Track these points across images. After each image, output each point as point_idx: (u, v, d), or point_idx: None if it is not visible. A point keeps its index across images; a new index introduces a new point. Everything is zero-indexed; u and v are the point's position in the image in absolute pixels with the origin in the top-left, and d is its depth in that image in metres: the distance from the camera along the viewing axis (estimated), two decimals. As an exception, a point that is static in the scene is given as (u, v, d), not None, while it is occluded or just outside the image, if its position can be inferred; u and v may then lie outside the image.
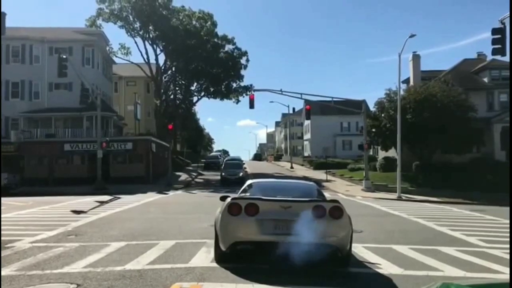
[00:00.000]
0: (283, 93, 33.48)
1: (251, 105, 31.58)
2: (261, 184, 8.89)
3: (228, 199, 7.29)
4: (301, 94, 33.94)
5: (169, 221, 13.64)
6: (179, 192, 29.72)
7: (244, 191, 8.38)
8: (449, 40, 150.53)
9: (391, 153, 38.40)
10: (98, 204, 19.66)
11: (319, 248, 6.67)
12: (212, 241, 8.26)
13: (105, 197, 23.19)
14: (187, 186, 35.45)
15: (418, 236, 11.49)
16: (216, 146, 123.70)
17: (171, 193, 28.35)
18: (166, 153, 38.74)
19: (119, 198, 23.32)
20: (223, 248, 7.15)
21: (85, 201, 20.74)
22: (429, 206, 22.45)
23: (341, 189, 32.33)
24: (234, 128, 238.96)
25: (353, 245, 8.33)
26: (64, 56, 22.96)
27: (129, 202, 20.84)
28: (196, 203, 21.04)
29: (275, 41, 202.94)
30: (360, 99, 35.01)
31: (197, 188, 33.66)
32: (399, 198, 27.19)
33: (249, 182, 8.97)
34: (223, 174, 36.92)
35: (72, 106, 37.35)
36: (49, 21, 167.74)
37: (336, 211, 6.96)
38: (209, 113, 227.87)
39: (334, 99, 35.38)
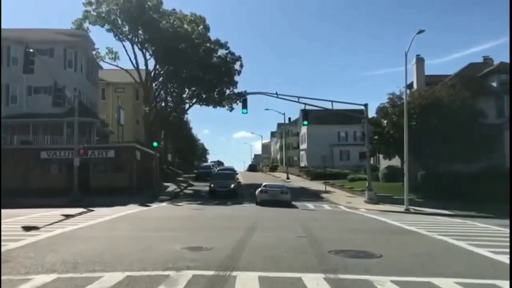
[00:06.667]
0: (279, 96, 31.12)
1: (244, 105, 29.31)
2: (269, 184, 28.42)
3: (259, 189, 27.63)
4: (298, 97, 31.51)
5: (134, 241, 10.87)
6: (164, 204, 26.83)
7: (263, 185, 27.86)
8: (452, 51, 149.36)
9: (395, 162, 35.81)
10: (63, 218, 16.87)
11: (284, 201, 25.89)
12: (180, 275, 6.39)
13: (77, 210, 20.38)
14: (174, 197, 32.51)
15: (458, 263, 8.68)
16: (212, 157, 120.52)
17: (154, 205, 25.49)
18: (154, 162, 35.85)
19: (92, 211, 20.52)
20: (258, 201, 26.59)
21: (49, 215, 17.92)
22: (444, 220, 19.78)
23: (342, 201, 29.66)
24: (230, 140, 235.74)
25: (377, 278, 5.79)
26: (31, 50, 20.17)
27: (100, 215, 18.03)
28: (178, 217, 18.26)
29: (270, 47, 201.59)
30: (361, 104, 32.30)
31: (184, 199, 30.75)
32: (407, 211, 24.55)
33: (264, 183, 28.56)
34: (211, 185, 33.35)
35: (52, 111, 34.60)
36: (34, 24, 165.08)
37: (289, 191, 27.28)
38: (205, 125, 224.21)
39: (334, 103, 32.71)
